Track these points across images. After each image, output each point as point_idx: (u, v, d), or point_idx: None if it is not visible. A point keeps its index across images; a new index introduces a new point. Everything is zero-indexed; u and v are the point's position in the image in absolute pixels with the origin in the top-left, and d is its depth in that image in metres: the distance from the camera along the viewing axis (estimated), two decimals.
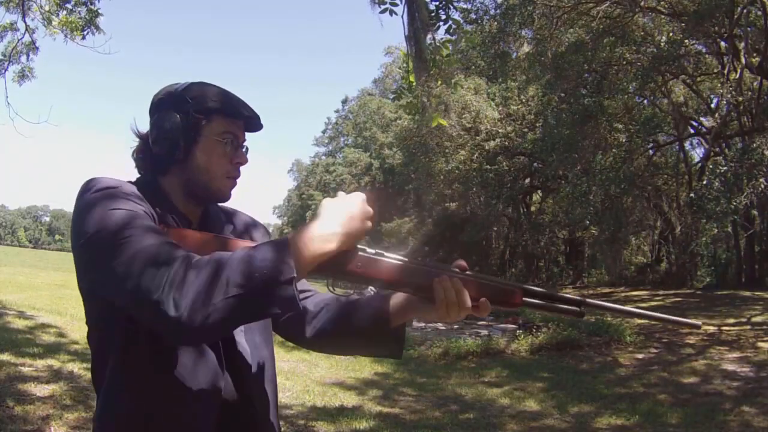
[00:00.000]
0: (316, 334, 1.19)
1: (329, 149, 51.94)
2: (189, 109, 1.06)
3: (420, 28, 3.48)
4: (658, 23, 15.34)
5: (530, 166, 23.66)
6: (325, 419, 5.02)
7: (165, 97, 1.09)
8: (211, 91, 1.10)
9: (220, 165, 1.09)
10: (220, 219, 1.19)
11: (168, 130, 1.05)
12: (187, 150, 1.07)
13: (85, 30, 7.61)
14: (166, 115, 1.06)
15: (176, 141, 1.05)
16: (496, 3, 15.63)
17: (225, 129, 1.09)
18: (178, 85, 1.11)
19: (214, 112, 1.08)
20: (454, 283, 1.01)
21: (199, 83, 1.11)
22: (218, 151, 1.09)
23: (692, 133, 19.10)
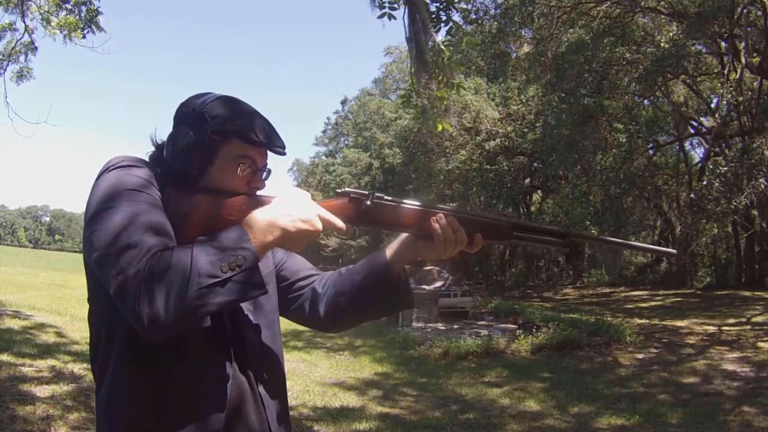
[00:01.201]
0: (329, 311, 1.20)
1: (329, 149, 51.93)
2: (207, 128, 1.04)
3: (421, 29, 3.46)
4: (658, 23, 15.33)
5: (530, 166, 23.66)
6: (326, 419, 5.01)
7: (186, 112, 1.07)
8: (234, 111, 1.07)
9: (234, 187, 1.06)
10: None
11: (182, 148, 1.04)
12: (200, 169, 1.05)
13: (85, 29, 7.60)
14: (183, 131, 1.04)
15: (190, 159, 1.04)
16: (496, 3, 15.63)
17: (243, 153, 1.06)
18: (202, 99, 1.07)
19: (232, 135, 1.05)
20: (450, 221, 1.07)
21: (224, 100, 1.08)
22: (233, 173, 1.06)
23: (692, 133, 19.11)
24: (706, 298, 15.59)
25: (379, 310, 1.24)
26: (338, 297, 1.19)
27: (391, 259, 1.14)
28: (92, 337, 1.07)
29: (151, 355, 0.98)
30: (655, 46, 13.97)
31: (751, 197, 11.93)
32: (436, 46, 3.58)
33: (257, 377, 1.09)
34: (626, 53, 14.58)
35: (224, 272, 0.89)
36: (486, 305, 15.84)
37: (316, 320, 1.23)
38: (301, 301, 1.24)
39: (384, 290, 1.15)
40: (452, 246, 1.07)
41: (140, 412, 0.99)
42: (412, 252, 1.14)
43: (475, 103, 20.45)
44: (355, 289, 1.17)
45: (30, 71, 8.79)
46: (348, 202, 1.08)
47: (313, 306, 1.22)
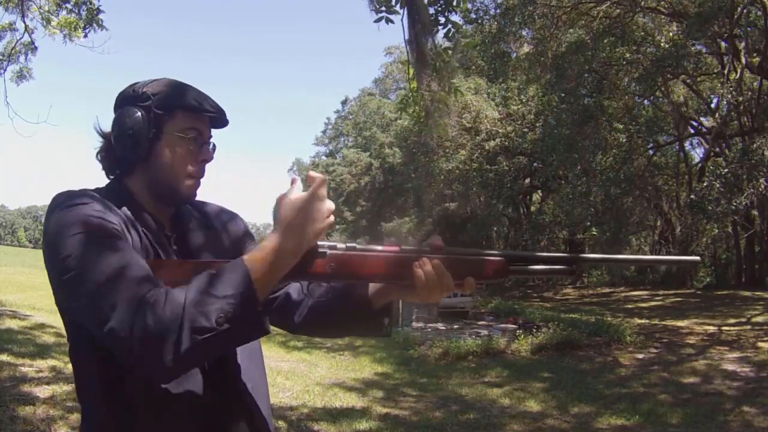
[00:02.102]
0: (303, 321, 1.17)
1: (329, 149, 51.94)
2: (150, 104, 1.02)
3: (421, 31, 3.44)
4: (658, 23, 15.34)
5: (530, 166, 23.65)
6: (326, 419, 5.01)
7: (127, 95, 1.06)
8: (173, 86, 1.06)
9: (183, 162, 1.05)
10: (193, 217, 1.15)
11: (129, 127, 1.01)
12: (149, 147, 1.03)
13: (87, 28, 7.59)
14: (127, 111, 1.02)
15: (137, 138, 1.01)
16: (496, 3, 15.63)
17: (189, 125, 1.05)
18: (140, 83, 1.07)
19: (176, 108, 1.04)
20: (435, 266, 0.97)
21: (161, 79, 1.08)
22: (182, 147, 1.04)
23: (692, 133, 19.11)
24: (706, 298, 15.58)
25: (353, 333, 1.22)
26: (315, 310, 1.15)
27: (372, 295, 1.10)
28: (75, 372, 1.05)
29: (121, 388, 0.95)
30: (655, 46, 13.97)
31: (751, 197, 11.93)
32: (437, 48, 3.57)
33: (238, 392, 1.06)
34: (626, 53, 14.58)
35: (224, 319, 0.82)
36: (486, 305, 15.84)
37: (290, 326, 1.19)
38: (277, 302, 1.19)
39: (361, 319, 1.12)
40: (437, 292, 0.98)
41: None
42: (395, 295, 1.08)
43: (475, 103, 20.44)
44: (334, 313, 1.14)
45: (30, 71, 8.79)
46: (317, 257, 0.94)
47: (285, 311, 1.18)
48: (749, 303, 13.66)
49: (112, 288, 0.85)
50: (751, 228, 16.98)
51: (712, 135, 15.61)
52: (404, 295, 1.05)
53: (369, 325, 1.13)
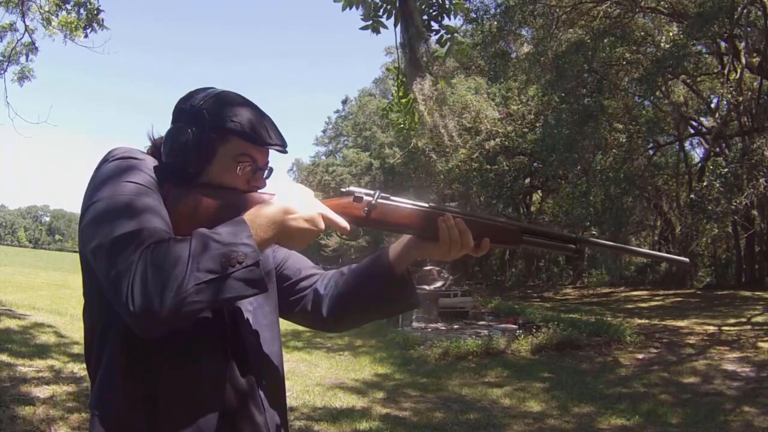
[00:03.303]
0: (332, 311, 1.18)
1: (329, 149, 51.94)
2: (205, 126, 1.01)
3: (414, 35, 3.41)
4: (658, 23, 15.33)
5: (530, 166, 23.65)
6: (326, 420, 5.01)
7: (184, 108, 1.04)
8: (233, 109, 1.03)
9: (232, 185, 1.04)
10: None
11: (181, 144, 1.01)
12: (198, 167, 1.02)
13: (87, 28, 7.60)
14: (181, 128, 1.02)
15: (188, 157, 1.01)
16: (496, 2, 15.62)
17: (242, 152, 1.04)
18: (201, 95, 1.05)
19: (231, 133, 1.02)
20: (458, 223, 1.05)
21: (223, 96, 1.05)
22: (232, 171, 1.04)
23: (692, 133, 19.10)
24: (706, 298, 15.57)
25: (382, 311, 1.22)
26: (341, 297, 1.17)
27: (394, 259, 1.12)
28: (86, 335, 1.04)
29: (145, 355, 0.95)
30: (655, 46, 13.97)
31: (752, 197, 11.93)
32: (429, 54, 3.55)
33: (258, 381, 1.06)
34: (626, 53, 14.58)
35: (224, 268, 0.86)
36: (486, 305, 15.83)
37: (319, 321, 1.20)
38: (304, 302, 1.21)
39: (387, 291, 1.13)
40: (457, 248, 1.05)
41: (132, 414, 0.95)
42: (416, 253, 1.11)
43: (475, 103, 20.44)
44: (358, 290, 1.15)
45: (31, 71, 8.80)
46: (352, 201, 1.05)
47: (315, 307, 1.20)
48: (749, 303, 13.65)
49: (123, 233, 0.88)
50: (751, 228, 16.97)
51: (712, 135, 15.61)
52: (426, 250, 1.09)
53: (393, 296, 1.15)
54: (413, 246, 1.11)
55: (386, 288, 1.13)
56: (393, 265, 1.12)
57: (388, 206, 1.05)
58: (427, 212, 1.05)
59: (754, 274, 18.51)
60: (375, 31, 3.46)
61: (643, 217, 20.93)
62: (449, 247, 1.05)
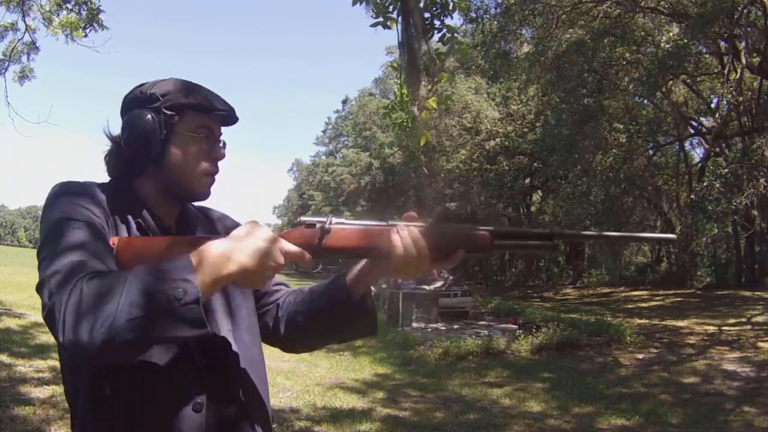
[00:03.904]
0: (288, 331, 1.15)
1: (329, 149, 51.93)
2: (160, 106, 1.02)
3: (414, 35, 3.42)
4: (658, 23, 15.33)
5: (530, 166, 23.65)
6: (327, 420, 5.01)
7: (135, 97, 1.05)
8: (181, 86, 1.06)
9: (196, 161, 1.05)
10: (198, 219, 1.15)
11: (140, 130, 1.01)
12: (161, 149, 1.03)
13: (87, 27, 7.60)
14: (138, 114, 1.02)
15: (149, 140, 1.01)
16: (496, 2, 15.61)
17: (199, 123, 1.05)
18: (147, 84, 1.07)
19: (186, 107, 1.04)
20: (411, 232, 0.95)
21: (168, 80, 1.07)
22: (194, 147, 1.05)
23: (692, 133, 19.10)
24: (706, 298, 15.57)
25: (338, 335, 1.18)
26: (297, 317, 1.14)
27: (351, 282, 1.08)
28: (63, 374, 1.04)
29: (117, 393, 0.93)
30: (655, 46, 13.96)
31: (751, 197, 11.93)
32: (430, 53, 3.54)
33: (240, 408, 1.03)
34: (626, 53, 14.58)
35: (158, 304, 0.79)
36: (486, 305, 15.82)
37: (277, 339, 1.17)
38: (265, 319, 1.18)
39: (344, 316, 1.09)
40: (414, 262, 0.95)
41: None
42: (373, 274, 1.06)
43: (475, 103, 20.44)
44: (315, 312, 1.12)
45: (32, 71, 8.80)
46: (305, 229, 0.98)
47: (275, 323, 1.17)
48: (749, 303, 13.65)
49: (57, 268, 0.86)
50: (751, 228, 16.97)
51: (712, 135, 15.61)
52: (381, 269, 1.03)
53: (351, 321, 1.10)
54: (369, 267, 1.05)
55: (343, 312, 1.09)
56: (350, 288, 1.08)
57: (343, 230, 0.97)
58: (381, 229, 0.97)
59: (754, 274, 18.51)
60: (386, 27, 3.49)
61: (643, 217, 20.93)
62: (404, 261, 0.95)
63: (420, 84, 3.69)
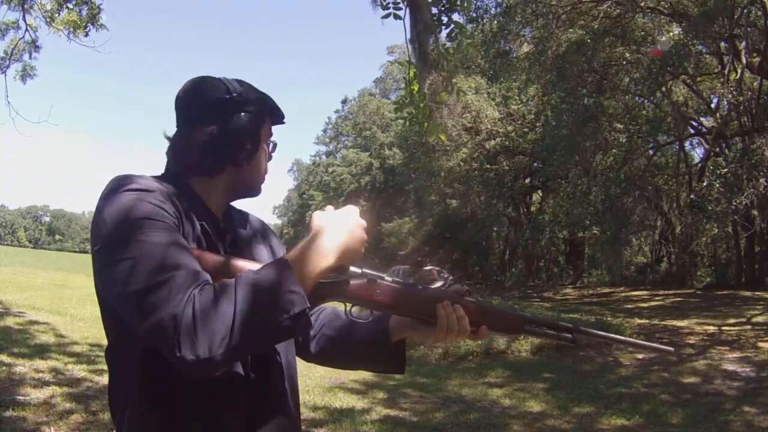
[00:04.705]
0: (319, 351, 1.21)
1: (330, 149, 51.93)
2: (253, 111, 1.07)
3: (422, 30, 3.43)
4: (658, 23, 15.33)
5: (530, 166, 23.65)
6: (327, 420, 5.00)
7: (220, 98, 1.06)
8: (259, 92, 1.12)
9: (265, 165, 1.14)
10: (240, 217, 1.19)
11: (243, 131, 1.06)
12: (253, 151, 1.09)
13: (88, 27, 7.61)
14: (240, 117, 1.06)
15: (248, 142, 1.07)
16: (496, 2, 15.62)
17: (271, 131, 1.14)
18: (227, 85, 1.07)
19: (267, 115, 1.11)
20: (456, 310, 1.04)
21: (243, 82, 1.11)
22: (265, 152, 1.13)
23: (692, 133, 19.10)
24: (706, 298, 15.57)
25: (367, 367, 1.28)
26: (333, 342, 1.19)
27: (393, 328, 1.15)
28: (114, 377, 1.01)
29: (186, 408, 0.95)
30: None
31: (751, 197, 11.93)
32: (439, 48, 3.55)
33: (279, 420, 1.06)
34: (626, 53, 14.58)
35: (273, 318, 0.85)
36: None
37: (305, 355, 1.22)
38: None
39: (377, 356, 1.17)
40: (454, 335, 1.05)
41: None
42: (414, 332, 1.12)
43: (476, 103, 20.45)
44: (351, 343, 1.18)
45: (33, 69, 8.81)
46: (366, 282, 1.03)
47: (306, 339, 1.20)
48: (749, 303, 13.65)
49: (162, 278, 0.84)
50: (751, 228, 16.97)
51: (712, 135, 15.61)
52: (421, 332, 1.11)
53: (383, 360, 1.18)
54: (411, 325, 1.12)
55: (380, 351, 1.16)
56: (391, 332, 1.15)
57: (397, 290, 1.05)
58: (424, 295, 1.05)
59: (754, 274, 18.51)
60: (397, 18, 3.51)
61: (643, 217, 20.94)
62: (446, 333, 1.04)
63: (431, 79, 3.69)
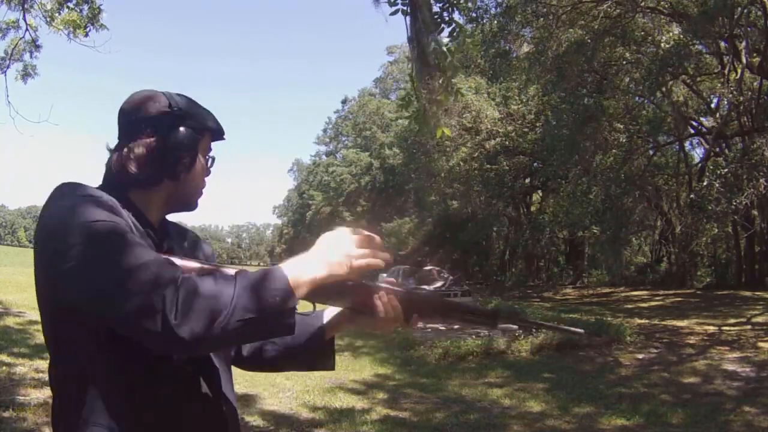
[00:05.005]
0: (254, 354, 1.23)
1: (330, 149, 51.94)
2: (193, 126, 1.10)
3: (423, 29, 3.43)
4: (658, 23, 15.33)
5: (530, 166, 23.66)
6: (328, 420, 5.00)
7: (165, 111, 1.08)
8: (199, 107, 1.14)
9: (202, 178, 1.15)
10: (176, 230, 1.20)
11: (182, 145, 1.07)
12: (191, 165, 1.10)
13: (88, 27, 7.62)
14: (179, 131, 1.08)
15: (186, 156, 1.08)
16: (496, 1, 15.61)
17: (209, 147, 1.16)
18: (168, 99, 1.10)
19: (207, 131, 1.13)
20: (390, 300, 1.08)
21: (183, 96, 1.14)
22: (202, 165, 1.14)
23: (692, 133, 19.10)
24: (706, 298, 15.57)
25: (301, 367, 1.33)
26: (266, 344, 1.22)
27: (329, 324, 1.20)
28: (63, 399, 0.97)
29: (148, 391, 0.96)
30: (656, 46, 13.96)
31: (751, 197, 11.93)
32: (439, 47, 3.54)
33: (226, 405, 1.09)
34: (626, 53, 14.57)
35: (268, 309, 0.88)
36: (486, 305, 15.83)
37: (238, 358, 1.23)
38: None
39: (312, 352, 1.21)
40: (390, 323, 1.09)
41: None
42: (351, 324, 1.19)
43: (475, 103, 20.44)
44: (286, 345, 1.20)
45: (34, 68, 8.81)
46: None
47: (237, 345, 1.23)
48: (749, 303, 13.66)
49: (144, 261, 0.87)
50: (751, 228, 16.98)
51: (712, 135, 15.61)
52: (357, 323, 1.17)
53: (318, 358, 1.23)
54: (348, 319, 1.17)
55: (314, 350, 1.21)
56: (326, 331, 1.20)
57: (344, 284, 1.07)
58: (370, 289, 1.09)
59: (754, 274, 18.51)
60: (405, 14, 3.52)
61: (643, 217, 20.94)
62: (384, 322, 1.08)
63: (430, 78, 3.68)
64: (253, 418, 4.81)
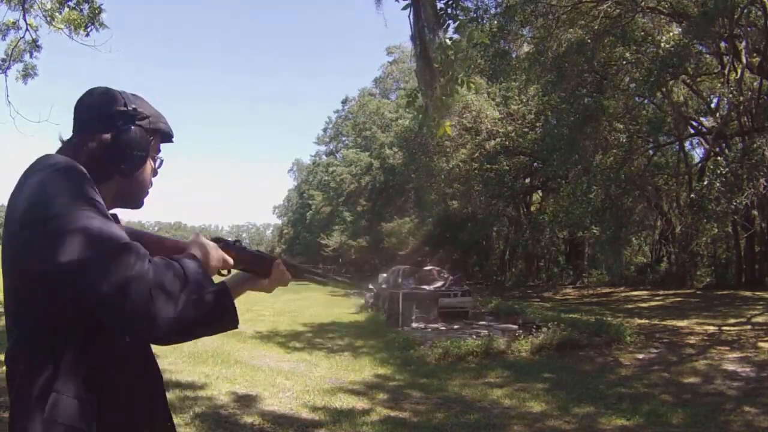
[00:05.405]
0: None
1: (330, 148, 51.94)
2: (147, 126, 1.16)
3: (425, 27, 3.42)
4: (658, 23, 15.33)
5: (530, 166, 23.66)
6: (328, 420, 5.00)
7: (121, 111, 1.13)
8: (155, 110, 1.21)
9: (149, 179, 1.22)
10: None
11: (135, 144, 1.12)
12: (141, 164, 1.16)
13: (89, 26, 7.62)
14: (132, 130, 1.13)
15: (139, 154, 1.14)
16: (496, 1, 15.61)
17: (159, 148, 1.23)
18: (126, 99, 1.15)
19: (158, 132, 1.20)
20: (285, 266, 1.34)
21: (139, 97, 1.19)
22: (151, 166, 1.21)
23: (692, 133, 19.11)
24: (706, 298, 15.57)
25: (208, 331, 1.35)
26: None
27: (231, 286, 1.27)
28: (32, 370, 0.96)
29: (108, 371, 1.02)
30: (656, 46, 13.96)
31: (751, 197, 11.93)
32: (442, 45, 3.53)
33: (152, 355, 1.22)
34: (626, 53, 14.57)
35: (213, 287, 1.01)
36: (486, 305, 15.81)
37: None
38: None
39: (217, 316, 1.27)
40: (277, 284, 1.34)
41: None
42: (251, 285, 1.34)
43: (476, 103, 20.44)
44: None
45: (34, 68, 8.81)
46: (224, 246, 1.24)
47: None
48: (749, 303, 13.65)
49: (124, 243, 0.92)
50: (751, 228, 16.98)
51: (712, 135, 15.62)
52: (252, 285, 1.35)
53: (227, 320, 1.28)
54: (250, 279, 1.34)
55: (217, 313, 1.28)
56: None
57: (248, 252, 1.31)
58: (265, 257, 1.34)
59: (754, 274, 18.51)
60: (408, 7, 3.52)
61: (643, 217, 20.94)
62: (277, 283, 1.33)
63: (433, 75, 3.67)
64: (253, 418, 4.81)
